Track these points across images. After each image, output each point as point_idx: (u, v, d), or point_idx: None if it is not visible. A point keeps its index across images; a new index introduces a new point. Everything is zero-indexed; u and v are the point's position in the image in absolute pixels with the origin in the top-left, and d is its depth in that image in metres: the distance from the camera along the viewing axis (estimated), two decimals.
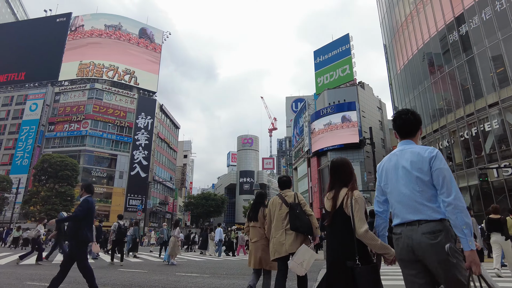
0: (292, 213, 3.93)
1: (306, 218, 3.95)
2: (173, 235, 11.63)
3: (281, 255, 3.91)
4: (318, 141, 48.17)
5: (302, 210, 4.00)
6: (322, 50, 56.28)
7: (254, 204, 4.88)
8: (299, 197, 4.16)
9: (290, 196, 4.17)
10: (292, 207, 3.98)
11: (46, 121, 55.03)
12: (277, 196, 4.27)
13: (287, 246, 3.86)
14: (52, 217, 37.52)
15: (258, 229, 4.63)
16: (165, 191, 65.30)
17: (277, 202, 4.18)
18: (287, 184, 4.40)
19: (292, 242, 3.84)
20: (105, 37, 60.64)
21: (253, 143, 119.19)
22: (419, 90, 27.21)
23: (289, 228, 3.91)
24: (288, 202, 4.07)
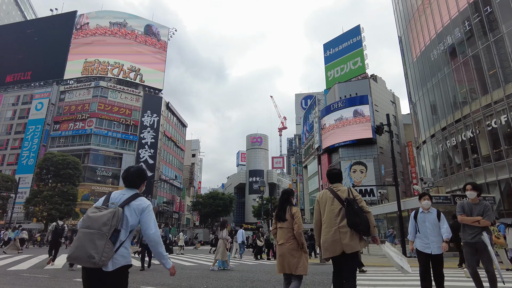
0: (350, 209, 3.73)
1: (364, 216, 3.74)
2: (221, 237, 10.29)
3: (335, 254, 3.71)
4: (329, 137, 46.13)
5: (359, 206, 3.78)
6: (332, 43, 54.18)
7: (281, 202, 4.46)
8: (353, 193, 3.93)
9: (343, 191, 3.93)
10: (350, 203, 3.76)
11: (52, 120, 54.39)
12: (327, 190, 4.01)
13: (343, 245, 3.66)
14: (54, 217, 36.53)
15: (285, 230, 4.23)
16: (172, 190, 64.09)
17: (328, 196, 3.93)
18: (338, 177, 4.15)
19: (348, 240, 3.66)
20: (110, 35, 59.77)
21: (262, 142, 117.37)
22: (438, 78, 25.05)
23: (345, 226, 3.71)
24: (342, 197, 3.85)
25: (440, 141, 25.17)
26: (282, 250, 4.18)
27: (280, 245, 4.22)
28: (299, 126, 76.14)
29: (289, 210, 4.29)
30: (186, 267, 10.58)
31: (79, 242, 2.43)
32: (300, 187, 63.98)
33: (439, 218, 4.98)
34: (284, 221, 4.27)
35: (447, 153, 24.43)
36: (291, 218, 4.23)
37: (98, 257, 2.35)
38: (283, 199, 4.48)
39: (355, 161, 42.87)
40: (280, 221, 4.32)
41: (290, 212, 4.26)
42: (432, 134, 26.44)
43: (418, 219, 5.06)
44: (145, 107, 56.62)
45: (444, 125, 24.24)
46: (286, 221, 4.24)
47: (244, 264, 12.69)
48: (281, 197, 4.57)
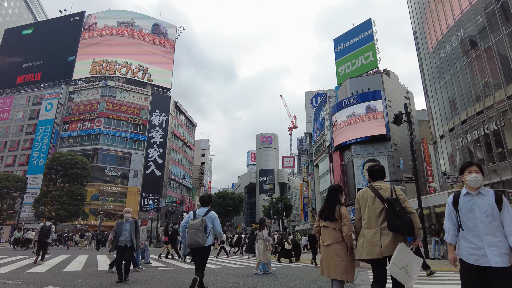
0: (390, 210, 3.45)
1: (408, 217, 3.40)
2: (261, 237, 9.26)
3: (372, 257, 3.49)
4: (341, 134, 44.74)
5: (402, 207, 3.47)
6: (343, 38, 52.71)
7: (329, 200, 4.19)
8: (397, 191, 3.64)
9: (385, 189, 3.66)
10: (391, 203, 3.48)
11: (61, 120, 54.47)
12: (368, 189, 3.76)
13: (382, 248, 3.42)
14: (61, 217, 36.27)
15: (332, 231, 3.99)
16: (182, 190, 63.59)
17: (369, 195, 3.70)
18: (380, 175, 3.89)
19: (388, 243, 3.42)
20: (118, 34, 59.61)
21: (272, 141, 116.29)
22: (456, 68, 23.58)
23: (386, 228, 3.46)
24: (384, 197, 3.57)
25: (459, 135, 23.71)
26: (328, 252, 3.92)
27: (326, 246, 3.96)
28: (309, 124, 74.75)
29: (337, 208, 4.02)
30: (213, 270, 9.53)
31: (190, 236, 4.96)
32: (311, 186, 62.63)
33: (500, 203, 2.86)
34: (332, 221, 3.99)
35: (467, 148, 22.98)
36: (338, 218, 3.98)
37: (202, 241, 4.96)
38: (331, 196, 4.18)
39: (368, 159, 41.39)
40: (327, 220, 4.04)
41: (339, 211, 3.99)
42: (450, 128, 24.97)
43: (460, 206, 3.00)
44: (154, 106, 56.22)
45: (464, 118, 22.77)
46: (336, 221, 3.97)
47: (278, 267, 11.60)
48: (328, 194, 4.24)
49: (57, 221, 37.01)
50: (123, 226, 6.82)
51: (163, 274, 8.21)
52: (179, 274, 8.20)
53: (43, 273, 7.82)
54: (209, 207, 5.48)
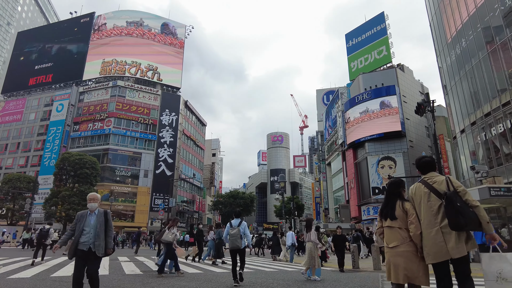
0: (450, 207, 3.10)
1: (471, 212, 3.05)
2: (309, 240, 8.31)
3: (439, 260, 3.21)
4: (354, 131, 43.44)
5: (463, 201, 3.11)
6: (355, 32, 51.35)
7: (388, 196, 3.75)
8: (454, 183, 3.26)
9: (440, 182, 3.32)
10: (450, 198, 3.12)
11: (71, 121, 54.63)
12: (421, 184, 3.43)
13: (449, 249, 3.14)
14: (71, 217, 36.02)
15: (397, 230, 3.53)
16: (192, 189, 63.13)
17: (422, 191, 3.38)
18: (430, 166, 3.51)
19: (455, 243, 3.11)
20: (127, 34, 59.53)
21: (283, 140, 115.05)
22: (479, 58, 22.18)
23: (447, 226, 3.14)
24: (441, 191, 3.25)
25: (482, 129, 22.32)
26: (395, 255, 3.52)
27: (392, 249, 3.56)
28: (321, 122, 73.41)
29: (401, 205, 3.59)
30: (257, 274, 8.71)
31: (232, 241, 6.95)
32: (323, 186, 61.37)
33: None
34: (393, 219, 3.59)
35: (492, 142, 21.58)
36: (403, 215, 3.54)
37: (240, 245, 6.89)
38: (391, 192, 3.76)
39: (383, 156, 40.03)
40: (388, 219, 3.65)
41: (403, 208, 3.57)
42: (472, 122, 23.55)
43: None
44: (164, 105, 55.89)
45: (487, 111, 21.38)
46: (397, 219, 3.56)
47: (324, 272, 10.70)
48: (388, 189, 3.81)
49: (67, 221, 36.86)
50: (86, 220, 4.72)
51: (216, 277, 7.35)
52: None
53: (26, 279, 7.07)
54: (240, 218, 7.37)
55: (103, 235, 4.70)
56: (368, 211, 39.18)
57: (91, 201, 4.83)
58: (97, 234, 4.63)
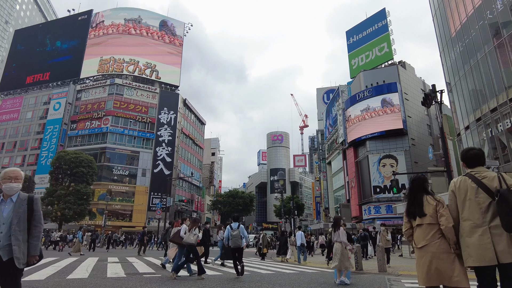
0: (505, 206, 2.74)
1: None
2: (337, 240, 7.59)
3: (483, 264, 2.82)
4: (355, 129, 42.73)
5: None
6: (356, 29, 50.63)
7: (414, 192, 3.46)
8: (507, 181, 2.90)
9: (491, 178, 2.97)
10: (504, 196, 2.77)
11: (69, 119, 53.94)
12: (467, 178, 3.08)
13: (497, 252, 2.78)
14: (66, 216, 35.37)
15: (426, 227, 3.24)
16: (191, 189, 62.41)
17: (469, 186, 3.01)
18: (479, 159, 3.16)
19: (506, 247, 2.76)
20: (125, 32, 58.80)
21: (283, 139, 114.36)
22: (485, 51, 21.46)
23: (498, 226, 2.80)
24: (492, 188, 2.90)
25: (488, 125, 21.60)
26: (426, 254, 3.21)
27: (421, 248, 3.27)
28: (321, 121, 72.72)
29: (428, 200, 3.35)
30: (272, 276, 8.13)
31: (234, 241, 8.27)
32: (323, 185, 60.69)
33: None
34: (422, 216, 3.31)
35: (498, 139, 20.86)
36: (433, 211, 3.27)
37: (240, 244, 8.22)
38: (415, 188, 3.50)
39: (384, 155, 39.33)
40: (417, 218, 3.35)
41: (431, 201, 3.32)
42: (477, 118, 22.83)
43: None
44: (162, 104, 55.19)
45: (494, 106, 20.67)
46: (426, 215, 3.29)
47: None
48: (412, 186, 3.57)
49: (62, 221, 36.18)
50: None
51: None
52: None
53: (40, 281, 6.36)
54: (239, 222, 8.78)
55: (24, 234, 2.98)
56: (369, 210, 38.48)
57: (7, 180, 3.05)
58: (13, 233, 2.92)
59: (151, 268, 9.78)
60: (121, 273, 8.03)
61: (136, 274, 8.06)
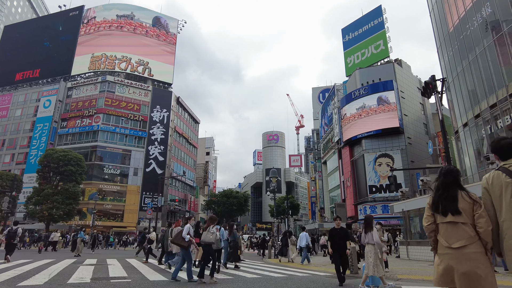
0: None
1: None
2: (370, 241, 6.70)
3: None
4: (350, 127, 42.05)
5: None
6: (352, 27, 49.98)
7: (446, 186, 3.00)
8: None
9: None
10: None
11: (59, 117, 52.75)
12: (501, 172, 2.70)
13: None
14: (53, 216, 34.27)
15: (462, 227, 2.81)
16: (185, 189, 61.42)
17: (503, 182, 2.64)
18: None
19: None
20: (117, 28, 57.71)
21: (279, 139, 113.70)
22: (484, 45, 20.81)
23: None
24: None
25: (487, 122, 20.96)
26: (461, 257, 2.70)
27: (457, 250, 2.75)
28: (316, 121, 72.07)
29: (464, 196, 2.84)
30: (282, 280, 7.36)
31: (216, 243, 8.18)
32: (319, 184, 59.99)
33: None
34: (456, 214, 2.83)
35: (498, 135, 20.22)
36: (469, 208, 2.79)
37: (220, 245, 9.60)
38: (448, 181, 2.96)
39: (380, 154, 38.69)
40: (449, 214, 2.87)
41: (468, 199, 2.81)
42: (476, 115, 22.19)
43: None
44: (154, 101, 54.16)
45: (493, 102, 20.03)
46: (461, 213, 2.80)
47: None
48: (444, 178, 3.01)
49: (50, 221, 35.07)
50: None
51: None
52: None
53: (40, 286, 5.49)
54: (219, 225, 9.67)
55: None
56: (365, 210, 37.79)
57: None
58: None
59: (125, 271, 8.89)
60: (86, 278, 7.16)
61: (103, 279, 7.18)
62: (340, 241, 7.71)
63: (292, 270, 10.68)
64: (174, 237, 7.73)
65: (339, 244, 7.68)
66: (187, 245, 7.40)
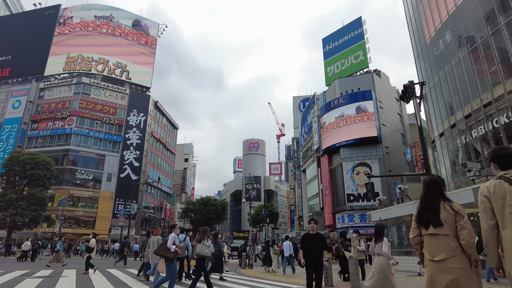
0: None
1: None
2: (378, 253, 5.98)
3: None
4: (329, 136, 42.13)
5: None
6: (332, 37, 50.59)
7: (428, 197, 3.05)
8: None
9: None
10: None
11: (29, 119, 50.32)
12: (502, 181, 2.64)
13: None
14: (16, 223, 32.17)
15: (443, 239, 2.86)
16: (160, 196, 59.72)
17: (507, 190, 2.56)
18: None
19: None
20: (95, 29, 56.10)
21: (260, 147, 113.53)
22: (459, 57, 21.18)
23: None
24: None
25: (462, 132, 21.23)
26: (443, 271, 2.77)
27: (438, 263, 2.82)
28: (297, 129, 72.31)
29: (446, 207, 2.91)
30: None
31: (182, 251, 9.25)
32: (298, 193, 59.79)
33: None
34: (438, 226, 2.88)
35: (472, 145, 20.47)
36: (451, 220, 2.86)
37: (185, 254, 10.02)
38: (431, 192, 3.05)
39: (358, 162, 38.84)
40: (431, 227, 2.93)
41: (451, 209, 2.89)
42: (452, 125, 22.48)
43: None
44: (131, 105, 52.65)
45: (468, 112, 20.30)
46: (443, 225, 2.87)
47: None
48: (427, 190, 3.08)
49: (12, 228, 32.91)
50: None
51: None
52: None
53: None
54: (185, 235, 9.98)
55: None
56: (343, 218, 37.66)
57: None
58: None
59: (75, 285, 7.97)
60: None
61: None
62: (314, 250, 6.26)
63: (265, 283, 10.03)
64: (158, 247, 6.91)
65: (313, 253, 6.26)
66: (173, 256, 6.66)
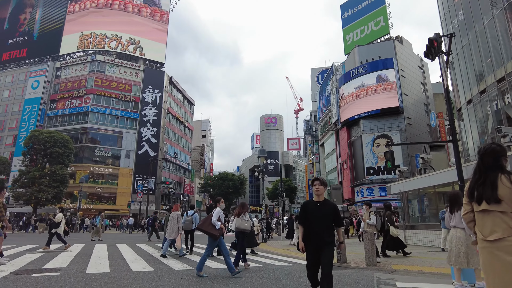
0: None
1: None
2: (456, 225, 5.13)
3: None
4: (348, 108, 40.51)
5: None
6: (351, 3, 47.62)
7: (484, 170, 2.55)
8: None
9: None
10: None
11: (48, 98, 51.04)
12: None
13: None
14: (39, 199, 33.16)
15: (499, 217, 2.39)
16: (180, 172, 60.33)
17: None
18: None
19: None
20: (106, 5, 55.20)
21: (277, 122, 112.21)
22: (492, 15, 19.11)
23: None
24: None
25: (494, 98, 19.48)
26: (498, 252, 2.35)
27: (493, 243, 2.38)
28: (315, 103, 70.42)
29: (503, 181, 2.39)
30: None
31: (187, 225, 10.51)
32: (316, 167, 58.92)
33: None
34: (494, 202, 2.40)
35: (505, 112, 18.77)
36: (510, 196, 2.35)
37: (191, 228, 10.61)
38: (486, 164, 2.54)
39: (378, 134, 37.32)
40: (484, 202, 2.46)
41: (509, 185, 2.36)
42: (481, 90, 20.68)
43: None
44: (146, 82, 52.31)
45: (501, 75, 18.47)
46: (501, 202, 2.37)
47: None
48: (481, 160, 2.58)
49: (37, 204, 34.01)
50: None
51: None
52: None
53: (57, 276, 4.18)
54: (194, 210, 11.10)
55: None
56: (362, 192, 36.77)
57: None
58: None
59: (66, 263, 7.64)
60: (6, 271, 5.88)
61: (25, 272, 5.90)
62: (320, 225, 4.02)
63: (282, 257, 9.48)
64: (201, 222, 6.24)
65: (318, 230, 4.02)
66: (218, 234, 6.09)
